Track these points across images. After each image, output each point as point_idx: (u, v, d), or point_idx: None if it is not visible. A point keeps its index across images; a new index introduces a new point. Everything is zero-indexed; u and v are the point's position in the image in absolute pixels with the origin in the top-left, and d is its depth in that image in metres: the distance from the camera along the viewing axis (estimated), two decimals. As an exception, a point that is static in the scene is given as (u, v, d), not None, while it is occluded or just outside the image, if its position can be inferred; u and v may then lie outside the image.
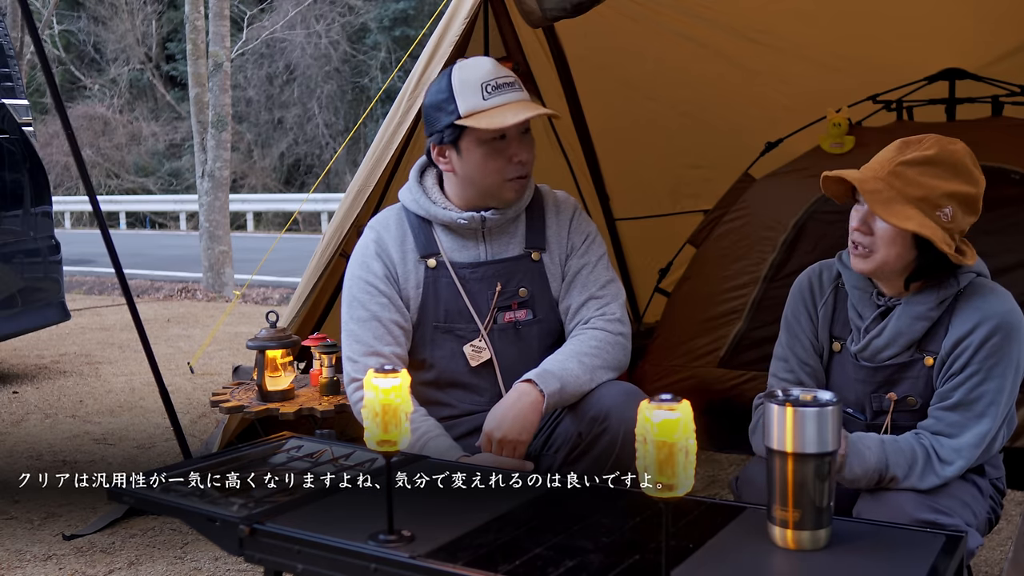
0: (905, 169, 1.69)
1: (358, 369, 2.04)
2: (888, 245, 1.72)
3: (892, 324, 1.78)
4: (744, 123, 3.94)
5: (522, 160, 2.03)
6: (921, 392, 1.78)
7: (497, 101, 1.99)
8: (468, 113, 1.99)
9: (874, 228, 1.73)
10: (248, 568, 2.54)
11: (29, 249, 5.02)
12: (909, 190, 1.68)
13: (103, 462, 3.59)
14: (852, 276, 1.85)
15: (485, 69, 2.03)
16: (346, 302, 2.11)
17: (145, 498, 1.63)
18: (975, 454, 1.70)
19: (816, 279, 1.93)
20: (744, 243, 3.67)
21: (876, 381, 1.82)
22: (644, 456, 1.13)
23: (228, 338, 6.31)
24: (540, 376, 1.95)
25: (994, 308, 1.71)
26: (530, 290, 2.09)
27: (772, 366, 1.95)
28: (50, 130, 19.42)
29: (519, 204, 2.11)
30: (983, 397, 1.69)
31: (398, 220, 2.14)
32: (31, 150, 4.98)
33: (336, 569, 1.36)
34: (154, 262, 12.08)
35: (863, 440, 1.70)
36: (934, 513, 1.63)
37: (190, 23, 9.35)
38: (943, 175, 1.68)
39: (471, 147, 2.02)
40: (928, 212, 1.68)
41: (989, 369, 1.69)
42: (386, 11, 21.64)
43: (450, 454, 1.95)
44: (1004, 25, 3.29)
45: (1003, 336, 1.68)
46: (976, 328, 1.70)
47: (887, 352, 1.80)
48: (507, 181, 2.04)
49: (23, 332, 5.13)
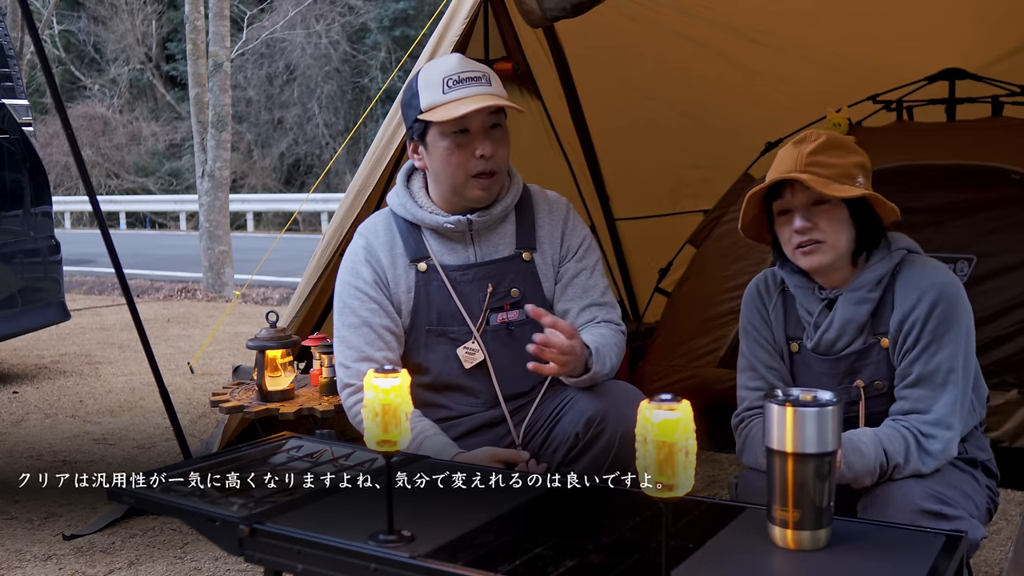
0: (816, 156, 1.78)
1: (351, 375, 2.05)
2: (837, 229, 1.79)
3: (838, 314, 1.83)
4: (744, 123, 3.94)
5: (485, 154, 2.00)
6: (885, 375, 1.82)
7: (456, 95, 1.98)
8: (428, 107, 2.00)
9: (818, 222, 1.79)
10: (248, 568, 2.54)
11: (29, 249, 5.02)
12: (829, 172, 1.77)
13: (103, 462, 3.59)
14: (793, 277, 1.90)
15: (449, 65, 2.03)
16: (337, 309, 2.12)
17: (145, 498, 1.63)
18: (953, 422, 1.74)
19: (763, 285, 1.98)
20: (744, 243, 3.64)
21: (839, 372, 1.86)
22: (644, 456, 1.13)
23: (228, 338, 6.31)
24: (594, 344, 1.98)
25: (932, 279, 1.77)
26: (522, 290, 2.09)
27: (739, 379, 1.98)
28: (50, 130, 19.42)
29: (505, 203, 2.10)
30: (941, 366, 1.74)
31: (387, 225, 2.14)
32: (31, 150, 4.98)
33: (336, 569, 1.36)
34: (154, 262, 12.08)
35: (857, 436, 1.71)
36: (939, 504, 1.64)
37: (190, 23, 9.35)
38: (843, 153, 1.80)
39: (435, 141, 2.02)
40: (850, 184, 1.77)
41: (940, 338, 1.74)
42: (386, 11, 21.64)
43: (446, 451, 1.95)
44: (1004, 25, 3.29)
45: (947, 304, 1.74)
46: (919, 301, 1.76)
47: (840, 342, 1.84)
48: (471, 178, 2.02)
49: (23, 332, 5.13)
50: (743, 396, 1.96)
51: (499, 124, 2.04)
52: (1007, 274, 3.06)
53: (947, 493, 1.68)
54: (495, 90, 2.02)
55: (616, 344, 2.06)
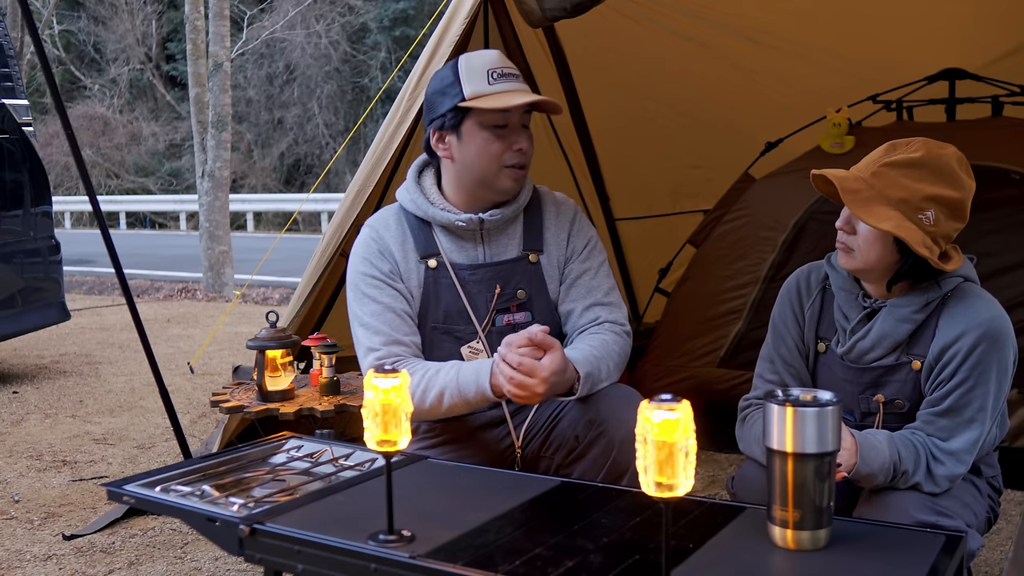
0: (888, 170, 1.69)
1: (381, 356, 2.00)
2: (869, 245, 1.73)
3: (877, 326, 1.79)
4: (744, 123, 3.94)
5: (521, 148, 2.03)
6: (909, 395, 1.79)
7: (502, 87, 2.00)
8: (473, 96, 2.00)
9: (857, 228, 1.75)
10: (248, 568, 2.54)
11: (29, 249, 5.03)
12: (890, 191, 1.68)
13: (103, 462, 3.59)
14: (839, 278, 1.86)
15: (492, 58, 2.05)
16: (355, 299, 2.07)
17: (145, 498, 1.63)
18: (968, 460, 1.72)
19: (804, 281, 1.94)
20: (744, 243, 3.67)
21: (863, 382, 1.83)
22: (644, 456, 1.13)
23: (228, 338, 6.32)
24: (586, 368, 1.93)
25: (981, 315, 1.71)
26: (528, 292, 2.09)
27: (758, 366, 1.98)
28: (50, 130, 19.43)
29: (517, 203, 2.11)
30: (972, 403, 1.70)
31: (397, 220, 2.13)
32: (31, 150, 4.98)
33: (336, 569, 1.36)
34: (154, 262, 12.09)
35: (873, 435, 1.70)
36: (936, 515, 1.63)
37: (190, 23, 9.35)
38: (926, 178, 1.68)
39: (472, 131, 2.02)
40: (909, 215, 1.68)
41: (978, 376, 1.69)
42: (386, 11, 21.64)
43: (483, 370, 1.91)
44: (1004, 25, 3.29)
45: (990, 343, 1.69)
46: (963, 335, 1.70)
47: (872, 354, 1.80)
48: (505, 168, 2.03)
49: (23, 332, 5.14)
50: (757, 384, 1.96)
51: (528, 125, 2.07)
52: (1007, 274, 3.06)
53: (944, 503, 1.68)
54: (529, 89, 2.05)
55: (616, 352, 2.04)
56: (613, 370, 2.02)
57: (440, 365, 1.99)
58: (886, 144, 1.75)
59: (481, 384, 1.90)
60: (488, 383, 1.89)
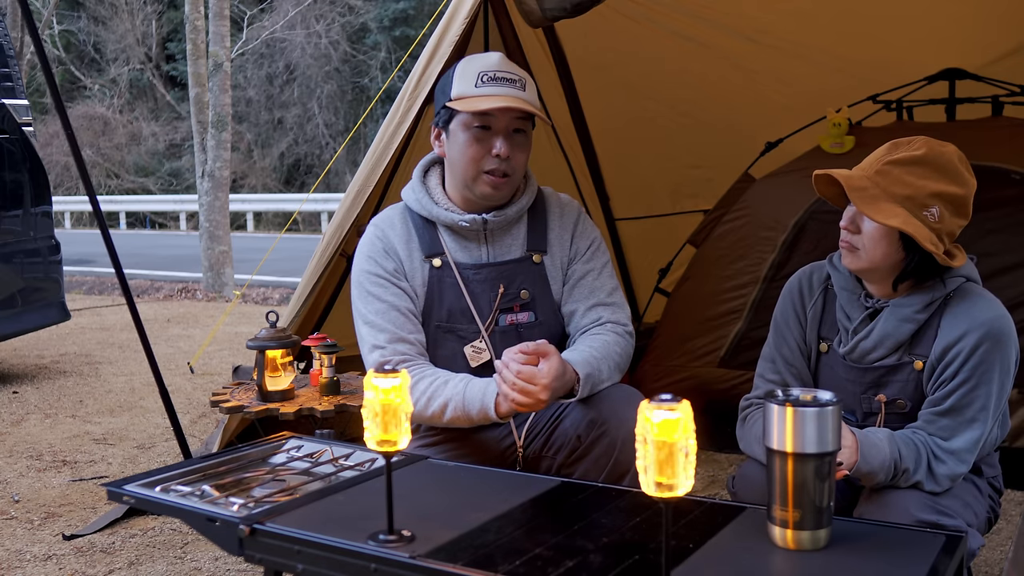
0: (892, 168, 1.70)
1: (387, 354, 2.00)
2: (875, 244, 1.73)
3: (880, 326, 1.79)
4: (744, 123, 3.94)
5: (501, 154, 2.01)
6: (911, 395, 1.79)
7: (486, 91, 2.00)
8: (457, 96, 2.02)
9: (862, 227, 1.75)
10: (248, 568, 2.54)
11: (29, 249, 5.03)
12: (895, 188, 1.69)
13: (103, 462, 3.59)
14: (841, 278, 1.86)
15: (489, 61, 2.05)
16: (359, 297, 2.08)
17: (145, 498, 1.63)
18: (969, 459, 1.72)
19: (806, 281, 1.94)
20: (744, 243, 3.67)
21: (865, 382, 1.83)
22: (644, 456, 1.13)
23: (228, 338, 6.32)
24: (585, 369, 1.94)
25: (983, 315, 1.71)
26: (531, 292, 2.09)
27: (759, 366, 1.98)
28: (50, 130, 19.43)
29: (521, 204, 2.11)
30: (974, 403, 1.70)
31: (402, 219, 2.14)
32: (31, 150, 4.98)
33: (336, 569, 1.36)
34: (154, 262, 12.09)
35: (873, 434, 1.70)
36: (936, 514, 1.63)
37: (190, 23, 9.35)
38: (930, 175, 1.69)
39: (457, 131, 2.04)
40: (914, 211, 1.69)
41: (980, 376, 1.69)
42: (386, 11, 21.64)
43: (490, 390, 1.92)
44: (1004, 25, 3.29)
45: (992, 343, 1.69)
46: (965, 335, 1.70)
47: (875, 354, 1.80)
48: (483, 173, 2.03)
49: (23, 332, 5.13)
50: (758, 384, 1.96)
51: (523, 131, 2.06)
52: (1007, 274, 3.06)
53: (944, 502, 1.68)
54: (527, 96, 2.03)
55: (617, 352, 2.04)
56: (614, 370, 2.02)
57: (449, 376, 1.99)
58: (888, 143, 1.75)
59: (486, 403, 1.91)
60: (493, 403, 1.91)
